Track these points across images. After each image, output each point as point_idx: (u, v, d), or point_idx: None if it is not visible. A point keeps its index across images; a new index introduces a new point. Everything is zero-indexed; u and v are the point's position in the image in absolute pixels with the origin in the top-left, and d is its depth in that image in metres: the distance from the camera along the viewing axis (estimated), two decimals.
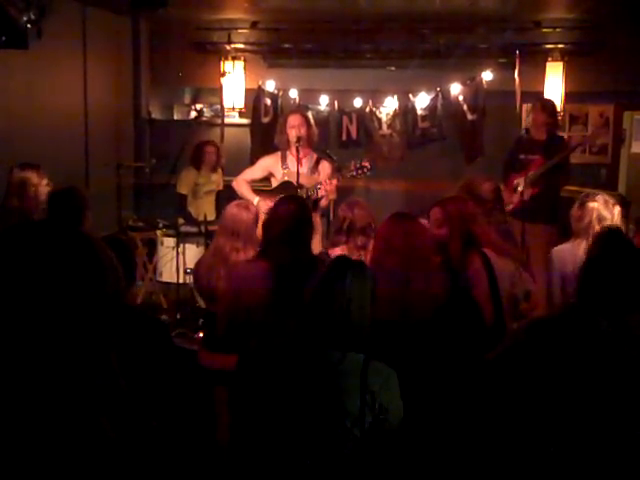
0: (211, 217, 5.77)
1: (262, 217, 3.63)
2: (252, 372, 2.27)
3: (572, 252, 3.48)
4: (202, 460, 2.54)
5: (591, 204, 3.57)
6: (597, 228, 3.42)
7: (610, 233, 2.52)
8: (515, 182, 5.32)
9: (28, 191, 4.05)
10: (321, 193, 4.73)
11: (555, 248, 3.74)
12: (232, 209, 3.77)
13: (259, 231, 3.49)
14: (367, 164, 4.71)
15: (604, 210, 3.55)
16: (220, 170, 6.47)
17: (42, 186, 4.09)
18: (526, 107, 7.09)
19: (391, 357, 2.23)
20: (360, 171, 4.71)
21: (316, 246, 4.72)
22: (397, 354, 2.31)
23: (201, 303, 4.53)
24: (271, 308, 2.96)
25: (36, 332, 1.09)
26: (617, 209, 3.61)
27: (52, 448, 1.07)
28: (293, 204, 3.27)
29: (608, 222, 3.47)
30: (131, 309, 2.70)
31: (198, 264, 3.94)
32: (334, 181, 4.72)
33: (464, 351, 2.61)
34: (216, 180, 6.42)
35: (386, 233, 2.98)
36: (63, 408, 1.09)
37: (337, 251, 3.40)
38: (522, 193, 5.16)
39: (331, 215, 5.25)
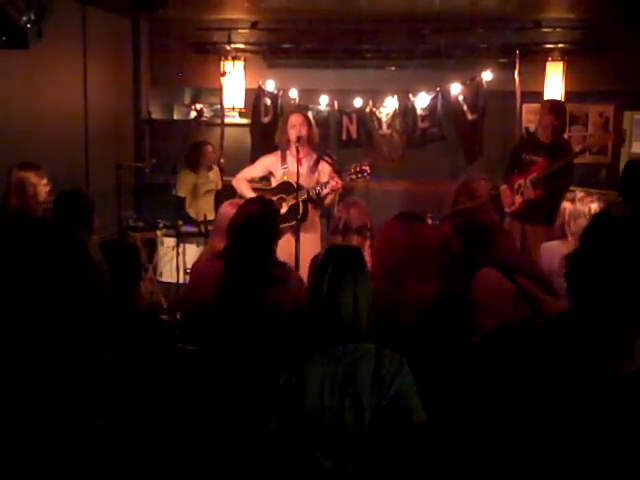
0: (211, 217, 5.77)
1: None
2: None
3: (559, 248, 3.50)
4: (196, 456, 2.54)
5: (564, 203, 3.68)
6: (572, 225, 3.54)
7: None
8: (517, 183, 5.30)
9: (27, 190, 4.06)
10: (330, 188, 4.73)
11: (544, 244, 3.79)
12: (225, 209, 3.78)
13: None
14: (367, 168, 4.68)
15: (581, 206, 3.61)
16: (217, 168, 6.49)
17: (41, 185, 4.10)
18: (526, 107, 7.11)
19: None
20: (360, 175, 4.70)
21: (315, 246, 4.73)
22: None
23: None
24: (218, 307, 2.94)
25: (21, 327, 1.10)
26: (594, 205, 3.61)
27: (41, 440, 1.07)
28: (255, 205, 3.22)
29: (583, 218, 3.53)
30: (135, 310, 2.70)
31: (195, 265, 3.94)
32: (339, 180, 4.73)
33: (447, 356, 2.50)
34: (214, 179, 6.45)
35: (388, 231, 2.97)
36: (50, 401, 1.09)
37: None
38: (523, 194, 5.14)
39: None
